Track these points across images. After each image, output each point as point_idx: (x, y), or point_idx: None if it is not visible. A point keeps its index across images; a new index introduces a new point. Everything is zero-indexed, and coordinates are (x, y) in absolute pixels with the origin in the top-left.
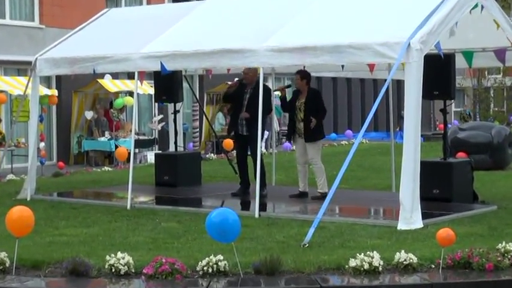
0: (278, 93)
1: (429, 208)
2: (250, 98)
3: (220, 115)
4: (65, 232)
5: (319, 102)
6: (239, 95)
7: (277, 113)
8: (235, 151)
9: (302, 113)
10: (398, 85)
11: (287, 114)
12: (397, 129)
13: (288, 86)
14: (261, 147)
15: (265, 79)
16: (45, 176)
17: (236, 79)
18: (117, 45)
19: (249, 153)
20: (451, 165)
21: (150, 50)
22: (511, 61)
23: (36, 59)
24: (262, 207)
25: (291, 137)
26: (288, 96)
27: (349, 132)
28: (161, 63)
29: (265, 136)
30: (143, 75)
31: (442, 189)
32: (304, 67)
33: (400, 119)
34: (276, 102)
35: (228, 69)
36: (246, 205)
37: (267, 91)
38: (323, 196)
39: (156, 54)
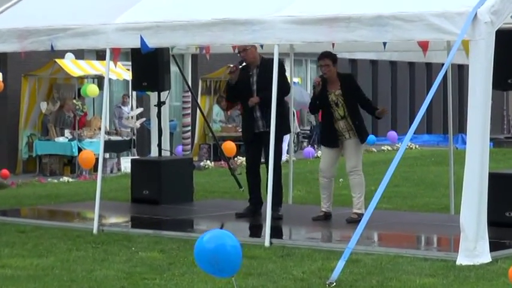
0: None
1: (500, 236)
2: (259, 80)
3: (216, 109)
4: (9, 263)
5: (359, 89)
6: (244, 82)
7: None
8: (240, 157)
9: (341, 108)
10: (461, 71)
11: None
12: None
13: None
14: (281, 151)
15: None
16: None
17: (238, 61)
18: (83, 13)
19: (263, 160)
20: None
21: (127, 20)
22: None
23: None
24: (276, 232)
25: (333, 142)
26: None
27: (392, 134)
28: (141, 37)
29: (286, 137)
30: (117, 54)
31: None
32: (333, 45)
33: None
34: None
35: (234, 47)
36: (254, 230)
37: (280, 67)
38: (360, 218)
39: (135, 25)
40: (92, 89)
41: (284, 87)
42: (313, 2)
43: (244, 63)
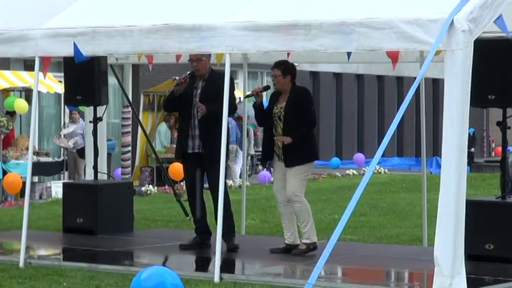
0: (248, 98)
1: (479, 272)
2: (203, 93)
3: (163, 127)
4: None
5: (305, 105)
6: (186, 94)
7: (251, 126)
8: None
9: (282, 123)
10: (435, 86)
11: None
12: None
13: (267, 88)
14: (231, 175)
15: (233, 73)
16: None
17: (188, 72)
18: (9, 16)
19: (206, 185)
20: None
21: (59, 24)
22: None
23: None
24: (227, 266)
25: (267, 160)
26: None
27: (359, 156)
28: (75, 45)
29: (239, 156)
30: (47, 64)
31: (498, 243)
32: (287, 55)
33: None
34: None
35: (178, 57)
36: (202, 263)
37: (230, 83)
38: (310, 249)
39: (68, 31)
40: (20, 104)
41: (231, 105)
42: (269, 7)
43: (195, 73)
